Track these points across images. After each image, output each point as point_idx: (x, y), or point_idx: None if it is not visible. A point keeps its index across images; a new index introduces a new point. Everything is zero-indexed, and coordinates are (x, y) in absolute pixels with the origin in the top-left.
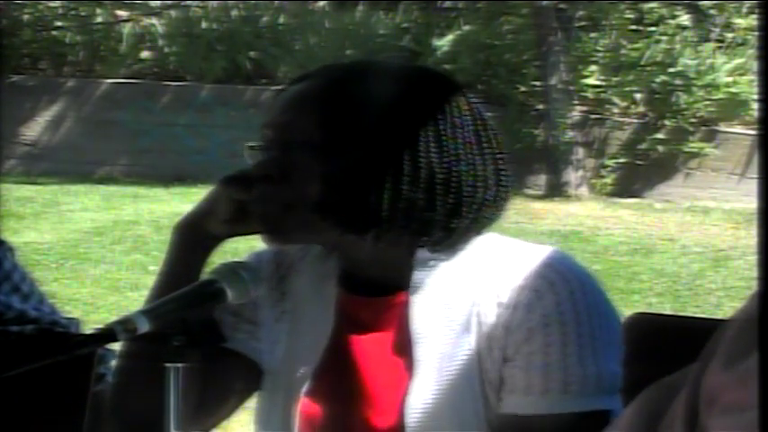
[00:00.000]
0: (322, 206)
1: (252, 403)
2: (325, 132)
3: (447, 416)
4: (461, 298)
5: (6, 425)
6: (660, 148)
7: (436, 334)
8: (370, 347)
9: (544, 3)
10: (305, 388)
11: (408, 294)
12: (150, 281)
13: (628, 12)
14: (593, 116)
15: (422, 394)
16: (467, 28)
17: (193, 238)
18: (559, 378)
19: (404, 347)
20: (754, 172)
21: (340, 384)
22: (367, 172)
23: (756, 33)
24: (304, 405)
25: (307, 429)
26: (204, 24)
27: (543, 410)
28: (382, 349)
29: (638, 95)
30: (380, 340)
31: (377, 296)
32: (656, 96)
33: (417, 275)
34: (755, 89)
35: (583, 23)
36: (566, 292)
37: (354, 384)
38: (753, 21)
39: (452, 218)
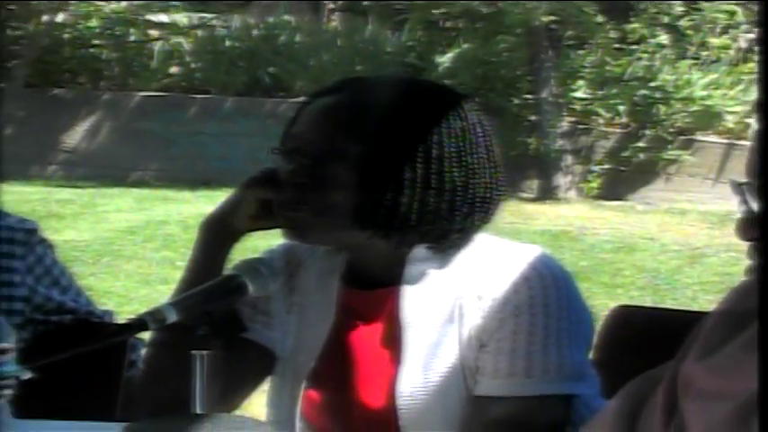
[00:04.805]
0: (349, 211)
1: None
2: (356, 144)
3: (434, 399)
4: (447, 291)
5: (48, 406)
6: (641, 155)
7: (424, 324)
8: (365, 336)
9: (536, 23)
10: (309, 373)
11: (400, 288)
12: (178, 276)
13: (612, 32)
14: (581, 126)
15: (411, 379)
16: (466, 46)
17: (219, 233)
18: (523, 363)
19: (395, 336)
20: (726, 177)
21: (338, 370)
22: (393, 180)
23: (738, 42)
24: (307, 389)
25: (310, 411)
26: (227, 43)
27: (508, 392)
28: (376, 338)
29: (621, 107)
30: (375, 329)
31: (372, 289)
32: (638, 108)
33: (409, 271)
34: (728, 102)
35: (571, 42)
36: (539, 287)
37: (351, 370)
38: (726, 40)
39: (456, 222)
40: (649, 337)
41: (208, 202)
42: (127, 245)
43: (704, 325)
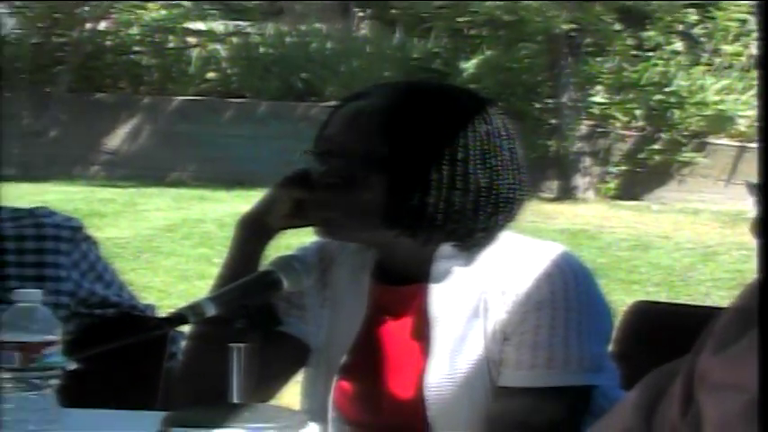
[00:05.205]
0: (378, 211)
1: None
2: (385, 146)
3: (460, 390)
4: (472, 287)
5: (93, 395)
6: (657, 157)
7: (450, 319)
8: (395, 330)
9: (556, 31)
10: (341, 365)
11: (428, 284)
12: (214, 271)
13: (629, 39)
14: (599, 130)
15: (438, 371)
16: (489, 52)
17: (254, 231)
18: (545, 356)
19: (423, 330)
20: (738, 178)
21: (369, 362)
22: (420, 181)
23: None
24: (340, 380)
25: (342, 401)
26: (262, 49)
27: (530, 383)
28: (405, 332)
29: (637, 112)
30: (404, 324)
31: (402, 285)
32: (654, 113)
33: (436, 268)
34: (740, 106)
35: (590, 49)
36: (560, 282)
37: (381, 362)
38: (738, 47)
39: (481, 221)
40: (666, 332)
41: (242, 202)
42: (165, 242)
43: (719, 320)
